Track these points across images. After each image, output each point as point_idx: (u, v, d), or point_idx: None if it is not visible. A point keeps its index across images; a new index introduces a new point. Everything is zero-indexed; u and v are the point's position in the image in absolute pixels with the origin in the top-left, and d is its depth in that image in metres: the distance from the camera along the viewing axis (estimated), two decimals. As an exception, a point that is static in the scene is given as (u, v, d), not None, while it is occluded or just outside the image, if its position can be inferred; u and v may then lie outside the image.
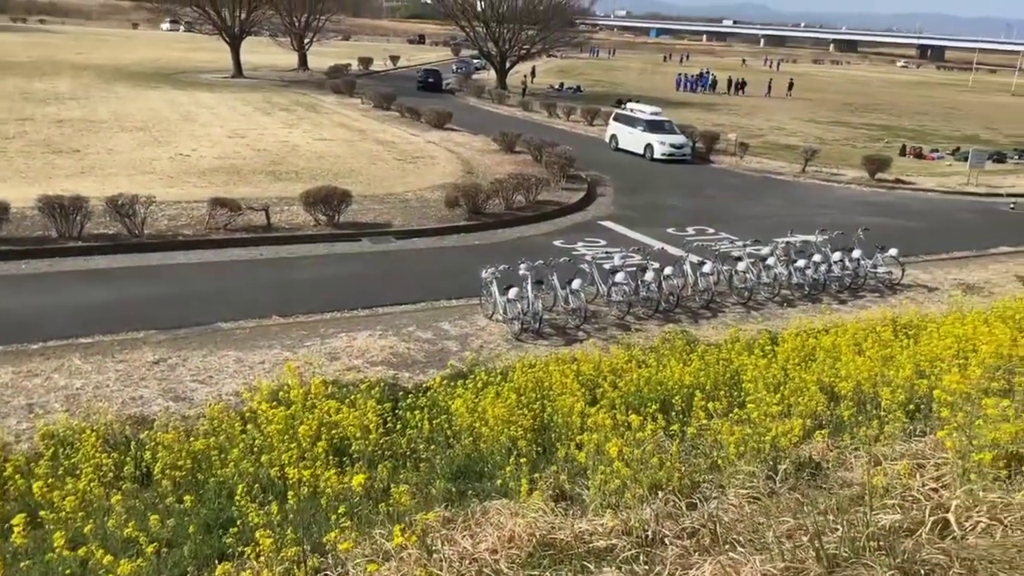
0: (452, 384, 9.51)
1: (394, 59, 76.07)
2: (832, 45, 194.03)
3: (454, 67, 69.47)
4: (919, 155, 37.26)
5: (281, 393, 8.68)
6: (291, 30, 64.55)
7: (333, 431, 7.95)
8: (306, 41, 65.28)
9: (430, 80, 56.34)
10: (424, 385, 10.13)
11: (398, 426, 8.40)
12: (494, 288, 13.61)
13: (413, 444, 7.99)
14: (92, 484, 6.91)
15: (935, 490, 4.53)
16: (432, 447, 7.93)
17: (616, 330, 13.70)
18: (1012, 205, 26.54)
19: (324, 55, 66.10)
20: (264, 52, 67.09)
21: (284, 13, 62.12)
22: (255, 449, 7.61)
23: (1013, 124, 54.75)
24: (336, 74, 55.91)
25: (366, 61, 69.37)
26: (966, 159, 32.11)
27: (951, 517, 4.07)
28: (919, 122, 53.64)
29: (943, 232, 22.42)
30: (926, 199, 28.08)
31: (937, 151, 38.46)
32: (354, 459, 7.47)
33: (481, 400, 8.64)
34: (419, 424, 8.31)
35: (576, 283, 13.83)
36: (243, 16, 56.46)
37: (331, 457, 7.37)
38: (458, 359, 11.72)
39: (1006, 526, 3.99)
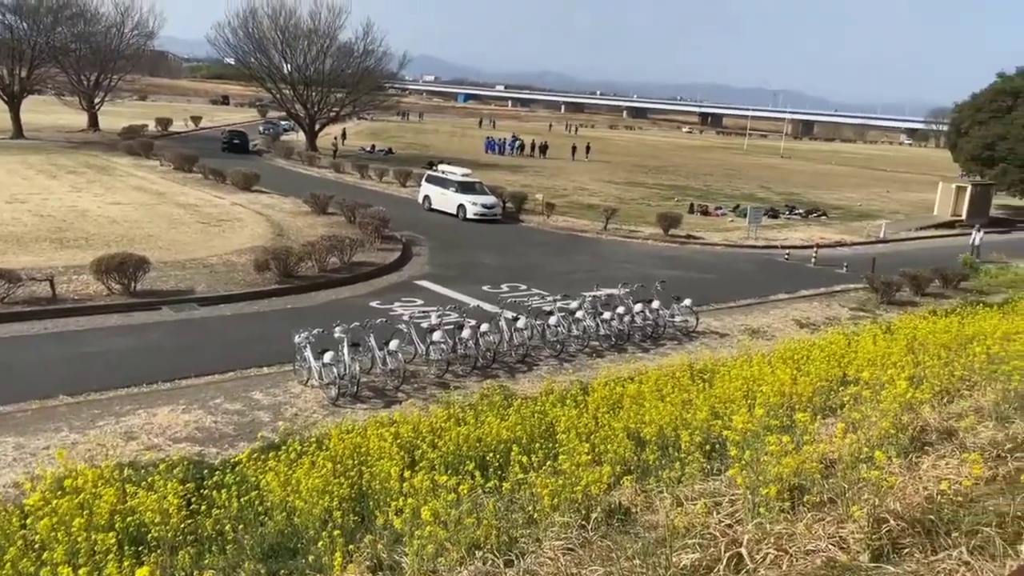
0: (263, 457, 9.06)
1: (196, 120, 73.27)
2: (625, 112, 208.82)
3: (261, 128, 67.84)
4: (705, 212, 40.63)
5: (67, 481, 7.88)
6: (79, 89, 60.55)
7: (128, 518, 7.31)
8: (96, 101, 61.50)
9: (236, 141, 54.65)
10: (233, 460, 9.58)
11: (203, 507, 7.86)
12: (308, 353, 13.21)
13: (220, 525, 7.49)
14: None
15: (730, 526, 4.86)
16: (241, 526, 7.48)
17: (436, 389, 13.70)
18: (787, 256, 29.48)
19: (118, 115, 62.50)
20: (49, 112, 62.50)
21: (71, 71, 58.20)
22: (36, 546, 6.83)
23: (783, 183, 61.15)
24: (131, 135, 52.89)
25: (165, 122, 66.14)
26: (745, 215, 35.46)
27: (744, 551, 4.37)
28: (704, 182, 58.52)
29: (730, 282, 24.42)
30: (714, 252, 30.57)
31: (720, 208, 42.11)
32: (152, 547, 6.90)
33: (295, 471, 8.29)
34: (227, 503, 7.81)
35: (394, 344, 13.73)
36: (24, 74, 52.40)
37: (127, 547, 6.76)
38: (270, 430, 11.23)
39: (791, 555, 4.34)
